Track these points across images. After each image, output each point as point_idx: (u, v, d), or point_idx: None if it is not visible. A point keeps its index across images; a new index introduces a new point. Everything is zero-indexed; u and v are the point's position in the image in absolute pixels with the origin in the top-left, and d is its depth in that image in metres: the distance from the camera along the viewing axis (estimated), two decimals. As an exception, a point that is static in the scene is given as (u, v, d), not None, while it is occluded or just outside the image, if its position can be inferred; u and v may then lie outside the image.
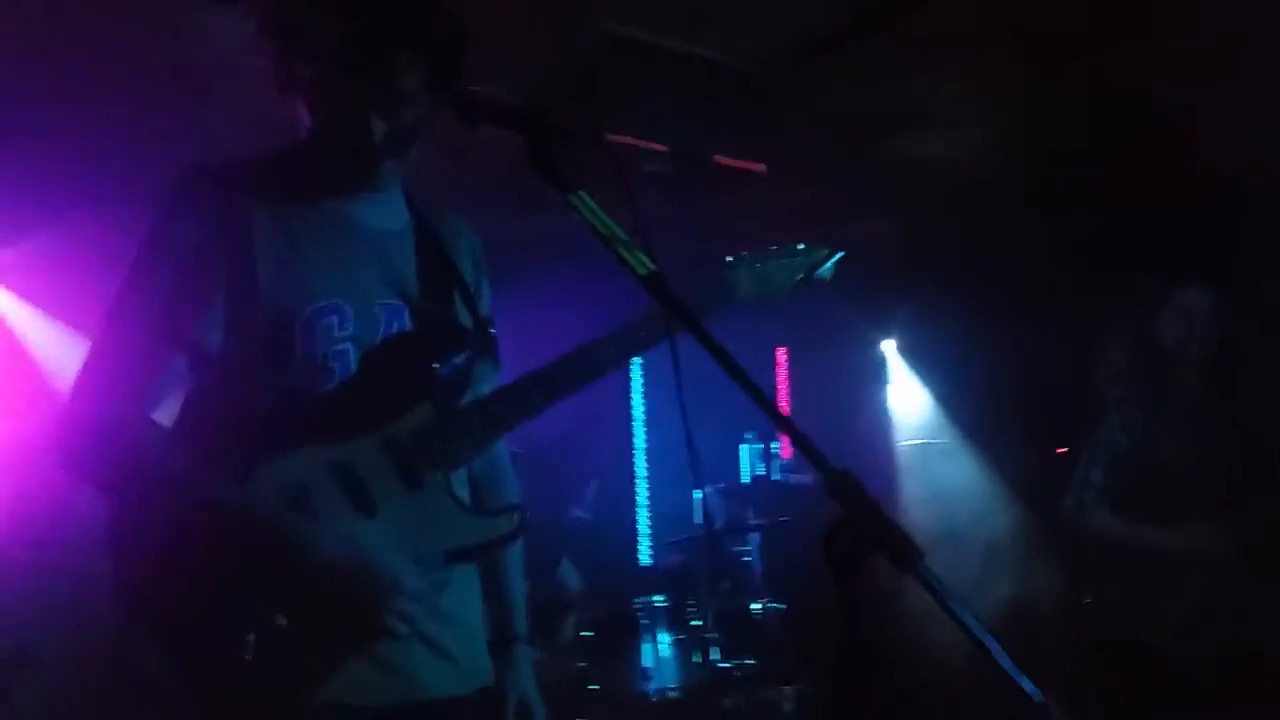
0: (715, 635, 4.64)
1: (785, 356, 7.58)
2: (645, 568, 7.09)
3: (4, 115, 4.60)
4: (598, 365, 1.95)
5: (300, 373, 1.76)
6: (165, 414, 1.82)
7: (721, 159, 4.91)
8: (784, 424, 1.49)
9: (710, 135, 4.72)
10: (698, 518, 6.72)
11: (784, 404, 7.50)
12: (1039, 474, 6.06)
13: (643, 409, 7.55)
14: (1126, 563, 3.83)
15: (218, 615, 1.64)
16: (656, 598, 4.65)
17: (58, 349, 5.06)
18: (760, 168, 4.89)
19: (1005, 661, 1.27)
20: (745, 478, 6.57)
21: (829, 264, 2.24)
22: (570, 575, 5.03)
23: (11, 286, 5.18)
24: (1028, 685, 1.27)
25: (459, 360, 1.88)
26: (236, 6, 3.43)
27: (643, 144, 4.62)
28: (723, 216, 5.30)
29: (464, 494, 1.90)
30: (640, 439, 7.50)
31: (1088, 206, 5.98)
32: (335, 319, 1.78)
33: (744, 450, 6.58)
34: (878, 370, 7.68)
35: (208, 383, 1.82)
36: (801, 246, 2.21)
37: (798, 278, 2.20)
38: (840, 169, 5.62)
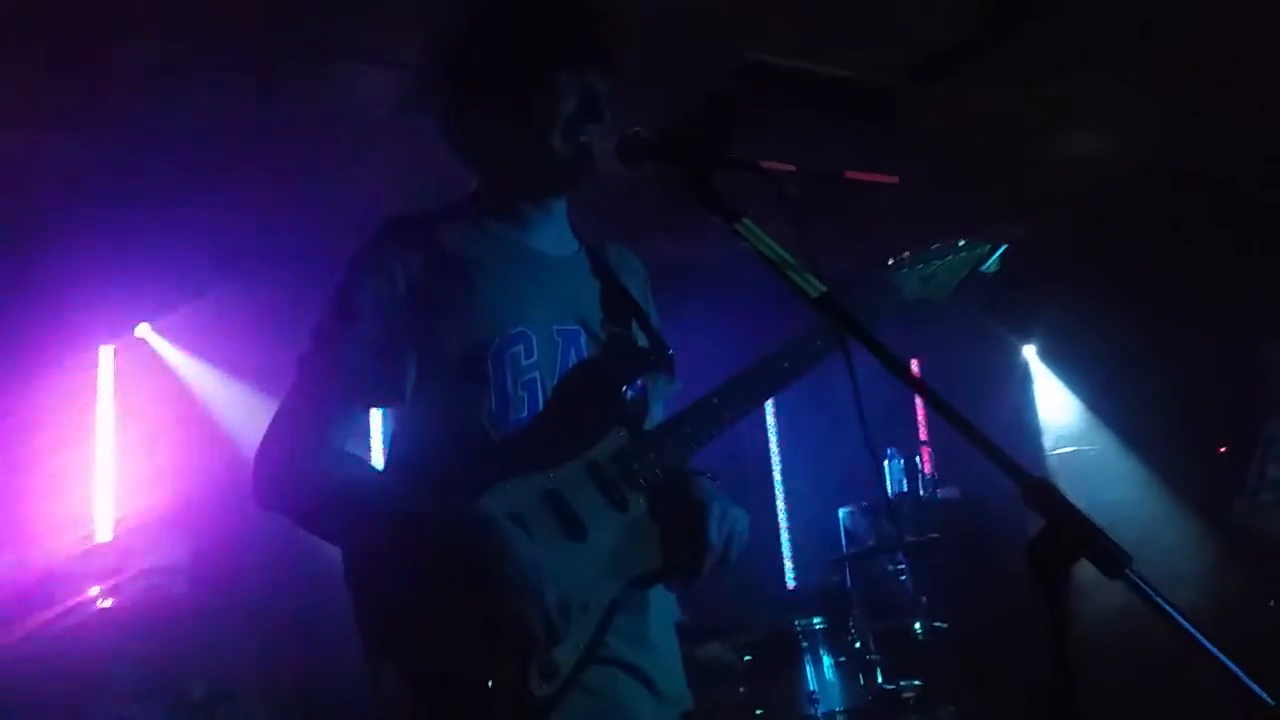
0: (877, 657, 4.54)
1: (919, 366, 7.45)
2: (793, 590, 7.02)
3: (168, 184, 4.89)
4: (778, 378, 1.97)
5: (495, 403, 1.82)
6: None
7: (851, 173, 4.89)
8: (972, 432, 1.46)
9: (840, 151, 4.72)
10: (843, 537, 6.64)
11: (921, 415, 7.37)
12: (1201, 474, 5.81)
13: (775, 430, 7.51)
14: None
15: (458, 645, 1.66)
16: (815, 620, 4.56)
17: (226, 398, 5.35)
18: (892, 180, 4.86)
19: (1230, 663, 1.24)
20: (890, 494, 6.46)
21: (994, 258, 2.19)
22: None
23: (182, 343, 5.50)
24: (1255, 687, 1.24)
25: (642, 382, 1.92)
26: (390, 70, 3.56)
27: (772, 165, 4.63)
28: (859, 228, 5.27)
29: None
30: (776, 460, 7.45)
31: (1240, 196, 5.75)
32: (521, 348, 1.84)
33: (888, 466, 6.48)
34: (1020, 377, 7.50)
35: (408, 424, 1.90)
36: (963, 243, 2.18)
37: (963, 274, 2.17)
38: (973, 175, 5.53)
